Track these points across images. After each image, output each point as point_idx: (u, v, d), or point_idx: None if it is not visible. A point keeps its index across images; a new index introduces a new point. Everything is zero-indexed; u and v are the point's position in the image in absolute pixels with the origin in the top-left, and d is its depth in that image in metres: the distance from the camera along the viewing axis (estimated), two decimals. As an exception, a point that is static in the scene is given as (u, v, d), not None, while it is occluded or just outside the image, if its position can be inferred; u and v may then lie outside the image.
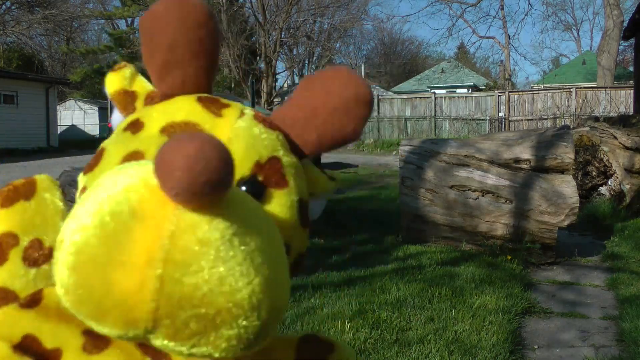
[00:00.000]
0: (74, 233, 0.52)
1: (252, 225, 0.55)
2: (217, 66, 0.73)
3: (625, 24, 16.68)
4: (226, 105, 0.69)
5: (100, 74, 30.73)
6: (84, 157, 17.34)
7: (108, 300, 0.51)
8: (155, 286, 0.50)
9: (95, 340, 0.64)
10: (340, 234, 5.63)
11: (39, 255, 0.72)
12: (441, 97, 22.76)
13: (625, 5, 27.65)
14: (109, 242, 0.51)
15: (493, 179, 4.96)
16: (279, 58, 24.68)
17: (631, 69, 25.15)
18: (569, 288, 4.24)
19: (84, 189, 0.67)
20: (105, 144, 0.70)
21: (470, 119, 21.44)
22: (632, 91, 16.68)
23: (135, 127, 0.67)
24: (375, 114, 22.73)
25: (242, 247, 0.53)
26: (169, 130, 0.65)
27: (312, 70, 40.69)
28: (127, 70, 0.76)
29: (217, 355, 0.55)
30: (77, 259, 0.52)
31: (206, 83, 0.71)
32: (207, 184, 0.49)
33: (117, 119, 0.75)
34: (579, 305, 3.83)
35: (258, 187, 0.64)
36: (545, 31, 76.77)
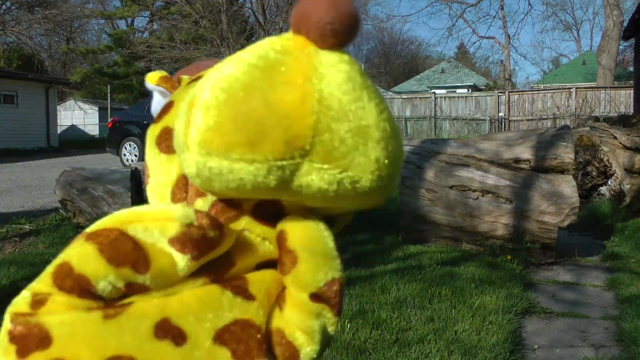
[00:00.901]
0: (216, 82, 0.57)
1: (373, 88, 0.62)
2: None
3: (625, 24, 16.68)
4: None
5: (101, 74, 30.75)
6: (84, 157, 17.34)
7: (269, 119, 0.55)
8: (316, 98, 0.56)
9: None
10: (341, 234, 5.62)
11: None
12: (441, 97, 22.76)
13: (625, 5, 27.67)
14: (265, 71, 0.57)
15: (493, 179, 4.96)
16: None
17: (631, 69, 25.15)
18: (569, 288, 4.24)
19: (167, 129, 0.72)
20: (173, 97, 0.75)
21: (470, 119, 21.44)
22: (632, 91, 16.69)
23: (198, 78, 0.71)
24: (375, 114, 22.73)
25: (371, 84, 0.60)
26: None
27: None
28: (162, 72, 0.83)
29: (365, 180, 0.59)
30: (229, 94, 0.56)
31: None
32: (348, 16, 0.57)
33: (157, 103, 0.78)
34: (579, 305, 3.83)
35: None
36: (545, 31, 76.77)
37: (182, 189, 0.70)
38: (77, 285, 0.58)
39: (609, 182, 6.94)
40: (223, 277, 0.64)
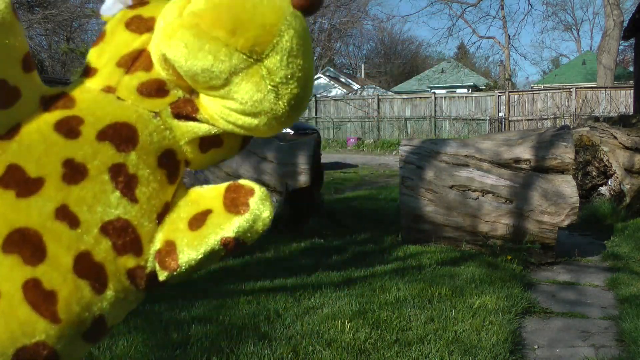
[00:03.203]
0: None
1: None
2: None
3: (625, 24, 16.67)
4: None
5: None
6: (84, 157, 17.32)
7: (252, 22, 0.77)
8: (282, 29, 0.79)
9: (73, 173, 0.76)
10: (340, 234, 5.63)
11: (9, 96, 0.78)
12: (441, 97, 22.75)
13: (625, 5, 27.66)
14: None
15: (493, 179, 4.96)
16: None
17: (631, 69, 25.14)
18: (569, 288, 4.24)
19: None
20: (106, 27, 0.90)
21: (470, 119, 21.43)
22: (632, 91, 16.68)
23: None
24: (375, 114, 22.74)
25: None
26: None
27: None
28: None
29: (294, 90, 0.83)
30: None
31: None
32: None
33: (109, 5, 0.91)
34: (579, 305, 3.83)
35: None
36: (545, 31, 76.83)
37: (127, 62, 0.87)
38: None
39: (609, 182, 6.94)
40: (125, 152, 0.81)
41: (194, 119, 0.85)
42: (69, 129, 0.77)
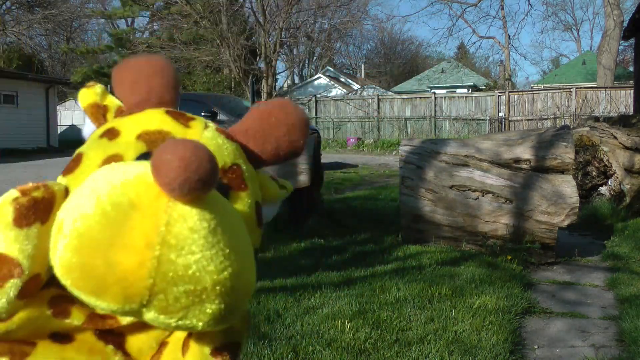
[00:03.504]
0: (75, 220, 0.60)
1: (228, 218, 0.66)
2: (179, 87, 0.85)
3: (625, 24, 16.67)
4: (192, 119, 0.79)
5: (101, 75, 30.74)
6: (84, 157, 17.31)
7: (109, 277, 0.59)
8: (153, 265, 0.59)
9: (61, 338, 0.74)
10: (340, 234, 5.63)
11: (33, 289, 0.71)
12: (441, 97, 22.76)
13: (625, 5, 27.67)
14: (112, 228, 0.59)
15: (493, 179, 4.96)
16: (279, 58, 24.69)
17: (631, 69, 25.14)
18: (569, 288, 4.24)
19: (66, 189, 0.74)
20: (82, 149, 0.78)
21: (470, 119, 21.43)
22: (632, 91, 16.68)
23: (111, 134, 0.75)
24: (375, 114, 22.74)
25: (224, 235, 0.62)
26: (144, 137, 0.74)
27: (312, 70, 40.67)
28: (98, 87, 0.86)
29: (199, 327, 0.64)
30: (80, 243, 0.60)
31: (169, 98, 0.81)
32: (199, 181, 0.58)
33: (89, 129, 0.83)
34: (579, 305, 3.83)
35: (224, 189, 0.75)
36: (545, 31, 76.81)
37: None
38: None
39: (609, 182, 6.94)
40: (105, 327, 0.76)
41: None
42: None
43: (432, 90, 28.50)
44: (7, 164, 14.54)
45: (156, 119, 0.77)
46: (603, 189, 6.97)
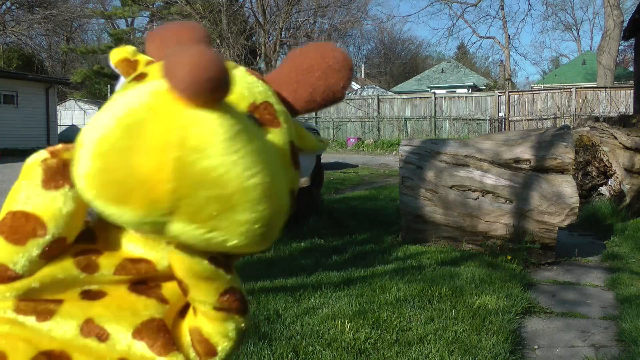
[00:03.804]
0: (94, 130, 0.60)
1: (253, 131, 0.63)
2: (209, 42, 0.81)
3: (625, 24, 16.67)
4: None
5: (101, 75, 30.75)
6: (84, 157, 17.32)
7: (131, 180, 0.58)
8: (173, 167, 0.57)
9: (93, 295, 0.73)
10: (340, 234, 5.63)
11: (56, 252, 0.71)
12: (441, 97, 22.76)
13: (625, 5, 27.68)
14: (130, 132, 0.58)
15: (493, 179, 4.96)
16: (279, 58, 24.66)
17: (631, 69, 25.14)
18: (569, 288, 4.24)
19: None
20: (114, 95, 0.75)
21: (470, 119, 21.43)
22: (632, 91, 16.68)
23: (140, 78, 0.73)
24: (375, 114, 22.73)
25: (249, 144, 0.60)
26: None
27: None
28: (130, 47, 0.85)
29: (233, 242, 0.61)
30: (100, 149, 0.59)
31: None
32: (210, 80, 0.56)
33: (121, 85, 0.81)
34: (579, 305, 3.83)
35: (255, 121, 0.70)
36: (545, 31, 76.74)
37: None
38: None
39: (609, 182, 6.94)
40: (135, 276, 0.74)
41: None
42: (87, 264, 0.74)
43: (432, 90, 28.51)
44: (7, 164, 14.54)
45: None
46: (603, 189, 6.97)
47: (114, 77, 0.86)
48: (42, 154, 0.70)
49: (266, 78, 0.78)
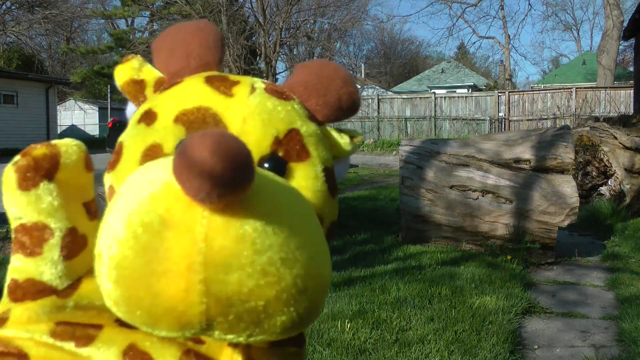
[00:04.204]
0: (110, 247, 0.53)
1: (283, 208, 0.54)
2: (222, 46, 0.74)
3: (625, 24, 16.68)
4: (236, 83, 0.68)
5: (101, 75, 30.74)
6: (84, 157, 17.34)
7: (157, 309, 0.52)
8: (201, 289, 0.50)
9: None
10: (340, 234, 5.63)
11: (77, 246, 0.67)
12: (441, 97, 22.76)
13: (625, 5, 27.69)
14: (147, 253, 0.51)
15: (493, 179, 4.96)
16: (279, 58, 24.67)
17: (631, 69, 25.15)
18: (569, 288, 4.24)
19: (111, 187, 0.68)
20: (122, 137, 0.69)
21: (470, 119, 21.44)
22: (632, 91, 16.68)
23: (148, 118, 0.67)
24: (375, 114, 22.73)
25: (278, 234, 0.52)
26: (182, 119, 0.65)
27: (312, 70, 40.59)
28: (135, 60, 0.76)
29: (274, 339, 0.56)
30: (118, 273, 0.52)
31: (211, 58, 0.71)
32: (229, 184, 0.48)
33: (132, 110, 0.74)
34: (579, 305, 3.83)
35: (280, 163, 0.64)
36: (545, 31, 76.86)
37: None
38: (27, 291, 0.65)
39: (609, 182, 6.94)
40: None
41: None
42: None
43: (432, 90, 28.51)
44: (7, 164, 14.54)
45: (194, 93, 0.67)
46: (603, 189, 6.97)
47: (114, 77, 0.83)
48: (14, 158, 0.66)
49: (290, 84, 0.72)
